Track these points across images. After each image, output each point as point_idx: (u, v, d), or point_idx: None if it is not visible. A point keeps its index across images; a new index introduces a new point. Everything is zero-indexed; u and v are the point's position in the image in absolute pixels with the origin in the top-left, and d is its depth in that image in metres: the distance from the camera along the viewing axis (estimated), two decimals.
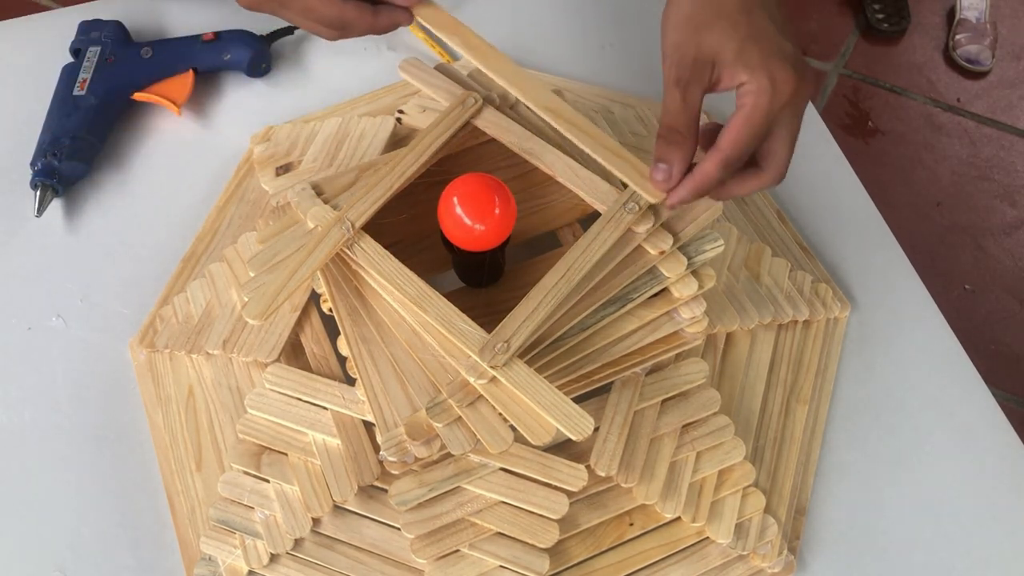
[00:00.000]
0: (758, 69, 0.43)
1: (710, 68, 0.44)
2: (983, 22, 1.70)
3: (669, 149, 0.44)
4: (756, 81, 0.43)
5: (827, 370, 0.61)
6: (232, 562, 0.50)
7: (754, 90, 0.43)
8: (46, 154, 0.64)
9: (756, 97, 0.43)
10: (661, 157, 0.45)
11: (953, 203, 1.55)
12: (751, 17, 0.44)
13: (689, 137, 0.44)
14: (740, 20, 0.43)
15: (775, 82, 0.43)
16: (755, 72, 0.43)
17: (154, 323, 0.60)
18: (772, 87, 0.42)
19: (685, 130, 0.44)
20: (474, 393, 0.48)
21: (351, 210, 0.51)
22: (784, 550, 0.53)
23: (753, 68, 0.43)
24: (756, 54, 0.43)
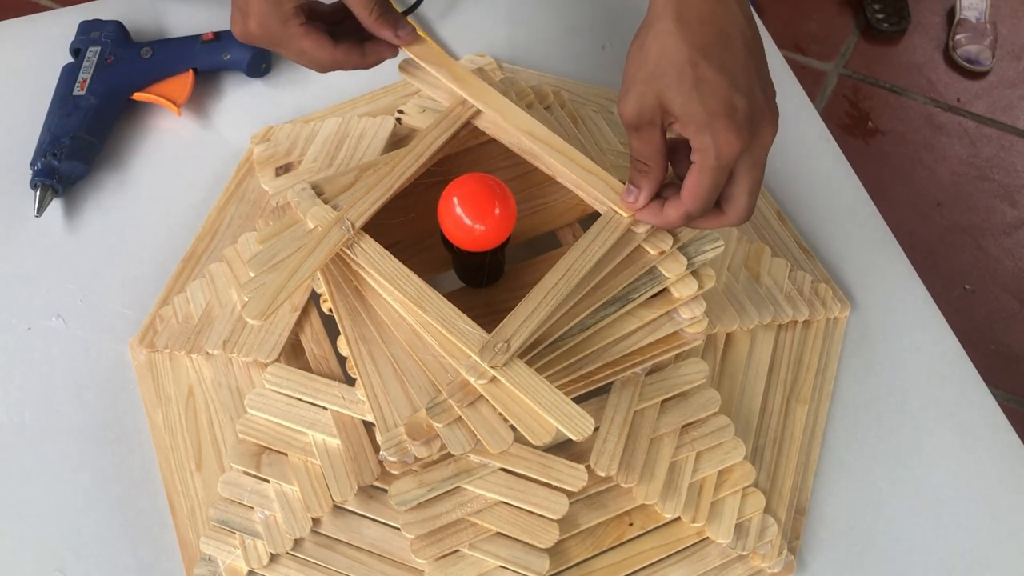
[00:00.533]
0: (701, 129, 0.42)
1: (661, 114, 0.44)
2: (983, 22, 1.70)
3: (639, 176, 0.47)
4: (700, 140, 0.43)
5: (827, 370, 0.61)
6: (232, 562, 0.50)
7: (699, 148, 0.43)
8: (46, 154, 0.64)
9: (702, 156, 0.43)
10: (632, 181, 0.48)
11: (953, 203, 1.55)
12: (698, 69, 0.42)
13: (656, 167, 0.46)
14: (686, 72, 0.42)
15: (717, 144, 0.42)
16: (699, 131, 0.42)
17: (154, 323, 0.60)
18: (715, 148, 0.42)
19: (651, 162, 0.46)
20: (474, 393, 0.48)
21: (351, 210, 0.51)
22: (784, 550, 0.53)
23: (697, 127, 0.42)
24: (699, 111, 0.42)
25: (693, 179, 0.44)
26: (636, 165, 0.47)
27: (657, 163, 0.46)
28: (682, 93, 0.42)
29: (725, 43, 0.44)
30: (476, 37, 0.77)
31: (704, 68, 0.42)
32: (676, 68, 0.43)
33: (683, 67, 0.42)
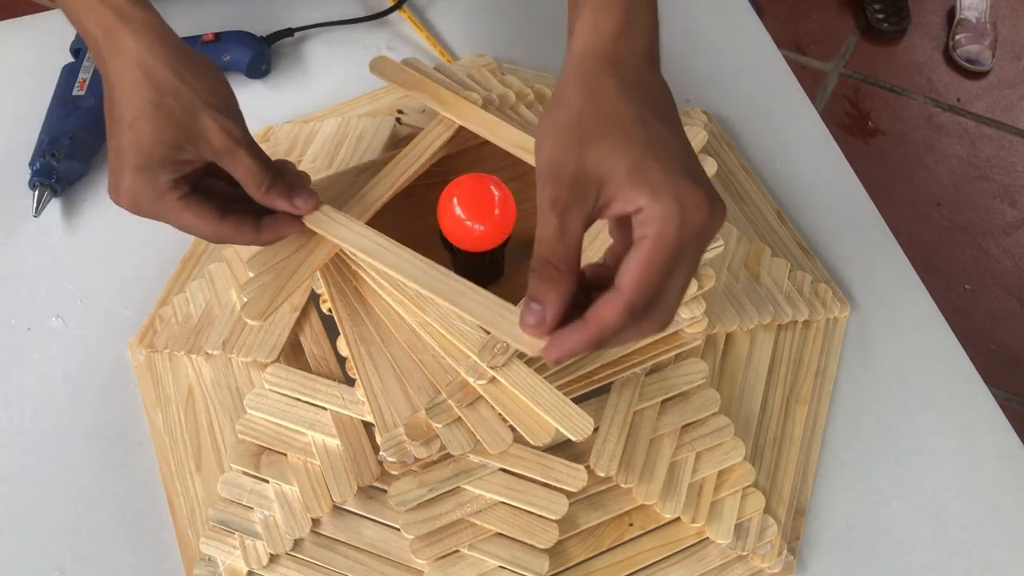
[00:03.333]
0: (662, 191, 0.34)
1: (596, 189, 0.36)
2: (983, 22, 1.70)
3: (543, 287, 0.36)
4: (660, 206, 0.34)
5: (827, 370, 0.61)
6: (231, 562, 0.50)
7: (658, 216, 0.34)
8: (45, 154, 0.64)
9: (661, 225, 0.34)
10: (534, 295, 0.36)
11: (953, 203, 1.55)
12: (648, 128, 0.36)
13: (567, 273, 0.36)
14: (635, 131, 0.35)
15: (684, 208, 0.34)
16: (658, 194, 0.34)
17: (154, 323, 0.60)
18: (680, 213, 0.34)
19: (562, 264, 0.36)
20: (474, 393, 0.48)
21: (351, 210, 0.51)
22: (784, 550, 0.53)
23: (656, 189, 0.34)
24: (658, 172, 0.35)
25: (642, 258, 0.35)
26: (542, 271, 0.36)
27: (571, 266, 0.36)
28: (633, 154, 0.35)
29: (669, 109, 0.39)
30: (476, 37, 0.77)
31: (656, 127, 0.36)
32: (622, 128, 0.36)
33: (631, 127, 0.36)
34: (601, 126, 0.36)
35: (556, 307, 0.36)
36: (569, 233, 0.36)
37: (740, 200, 0.68)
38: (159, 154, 0.42)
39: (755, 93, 0.75)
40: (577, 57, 0.39)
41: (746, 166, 0.70)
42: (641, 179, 0.35)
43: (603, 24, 0.39)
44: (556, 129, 0.37)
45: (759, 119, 0.74)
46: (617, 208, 0.36)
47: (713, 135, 0.71)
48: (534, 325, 0.37)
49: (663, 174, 0.35)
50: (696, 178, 0.35)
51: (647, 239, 0.35)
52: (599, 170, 0.35)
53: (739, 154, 0.71)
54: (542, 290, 0.36)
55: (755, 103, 0.74)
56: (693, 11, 0.79)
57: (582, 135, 0.36)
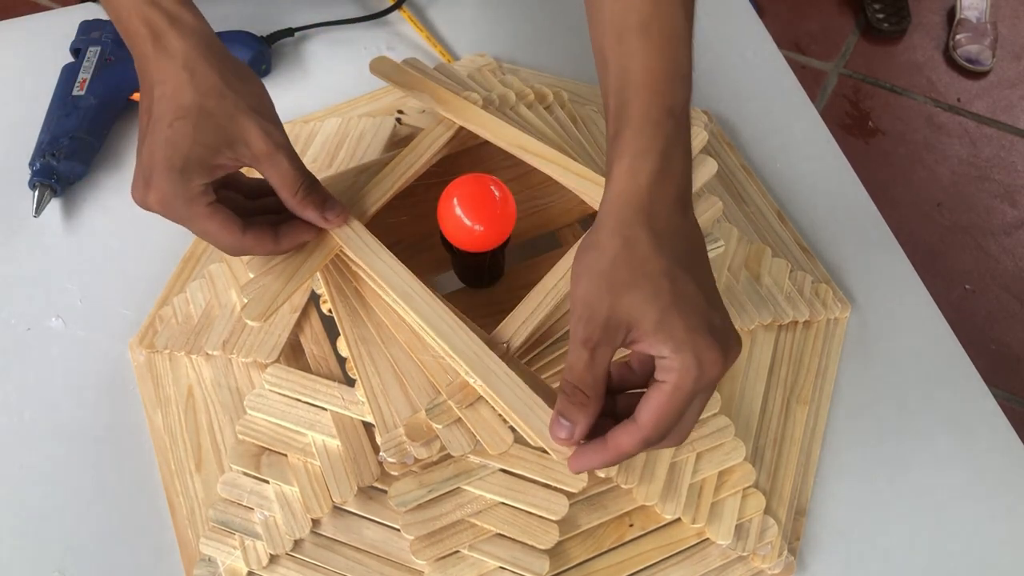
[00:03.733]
0: (683, 347, 0.38)
1: (624, 331, 0.39)
2: (983, 22, 1.70)
3: (573, 409, 0.40)
4: (680, 359, 0.38)
5: (827, 371, 0.61)
6: (231, 563, 0.50)
7: (677, 368, 0.38)
8: (45, 154, 0.64)
9: (680, 376, 0.38)
10: (564, 413, 0.41)
11: (953, 203, 1.55)
12: (675, 284, 0.39)
13: (595, 399, 0.40)
14: (663, 285, 0.39)
15: (701, 363, 0.38)
16: (680, 350, 0.38)
17: (154, 323, 0.60)
18: (698, 368, 0.38)
19: (590, 391, 0.40)
20: (474, 394, 0.48)
21: (352, 210, 0.51)
22: (784, 551, 0.53)
23: (678, 344, 0.38)
24: (681, 328, 0.38)
25: (661, 401, 0.39)
26: (572, 395, 0.40)
27: (599, 392, 0.40)
28: (658, 308, 0.39)
29: (697, 258, 0.42)
30: (476, 37, 0.77)
31: (683, 283, 0.39)
32: (651, 281, 0.39)
33: (659, 280, 0.39)
34: (632, 277, 0.40)
35: (583, 427, 0.40)
36: (598, 366, 0.40)
37: (740, 200, 0.68)
38: (196, 156, 0.43)
39: (755, 93, 0.75)
40: (614, 204, 0.42)
41: (746, 166, 0.70)
42: (665, 332, 0.39)
43: (640, 171, 0.41)
44: (590, 272, 0.41)
45: (759, 119, 0.74)
46: (642, 348, 0.40)
47: (713, 135, 0.71)
48: (564, 439, 0.41)
49: (685, 331, 0.39)
50: (715, 333, 0.39)
51: (667, 385, 0.39)
52: (628, 317, 0.39)
53: (739, 154, 0.71)
54: (572, 411, 0.40)
55: (755, 103, 0.74)
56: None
57: (614, 283, 0.40)
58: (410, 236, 0.58)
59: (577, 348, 0.40)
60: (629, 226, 0.40)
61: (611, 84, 0.45)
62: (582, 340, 0.40)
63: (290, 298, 0.49)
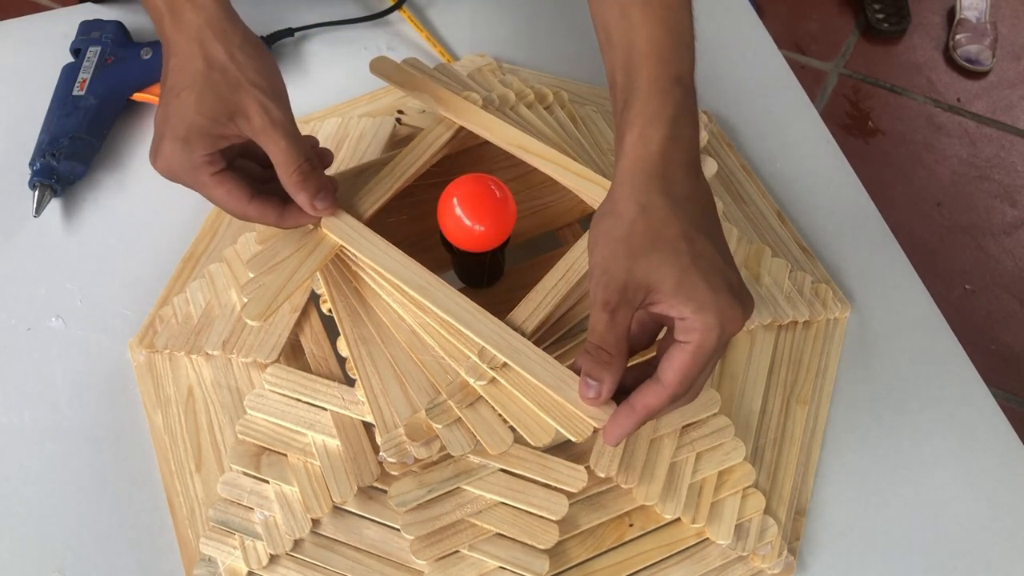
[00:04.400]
0: (706, 307, 0.39)
1: (643, 293, 0.41)
2: (983, 22, 1.70)
3: (598, 368, 0.42)
4: (702, 319, 0.40)
5: (827, 370, 0.61)
6: (231, 563, 0.50)
7: (700, 327, 0.40)
8: (45, 154, 0.64)
9: (703, 335, 0.40)
10: (590, 373, 0.43)
11: (953, 203, 1.55)
12: (694, 245, 0.40)
13: (618, 357, 0.42)
14: (682, 247, 0.40)
15: (723, 320, 0.40)
16: (702, 309, 0.39)
17: (154, 323, 0.60)
18: (719, 327, 0.40)
19: (614, 350, 0.42)
20: (474, 394, 0.48)
21: (352, 210, 0.51)
22: (784, 551, 0.53)
23: (700, 304, 0.40)
24: (702, 287, 0.40)
25: (685, 360, 0.40)
26: (597, 355, 0.42)
27: (622, 351, 0.42)
28: (679, 269, 0.40)
29: (711, 220, 0.43)
30: (476, 37, 0.77)
31: (700, 244, 0.41)
32: (670, 243, 0.40)
33: (677, 243, 0.40)
34: (651, 241, 0.41)
35: (610, 384, 0.42)
36: (618, 326, 0.41)
37: (740, 200, 0.68)
38: (198, 126, 0.44)
39: (755, 93, 0.75)
40: (629, 171, 0.43)
41: (746, 166, 0.70)
42: (686, 293, 0.40)
43: (651, 138, 0.43)
44: (608, 238, 0.42)
45: (759, 119, 0.74)
46: (661, 310, 0.41)
47: (713, 135, 0.71)
48: (593, 398, 0.43)
49: (707, 290, 0.40)
50: (734, 292, 0.40)
51: (690, 344, 0.40)
52: (647, 279, 0.40)
53: (739, 154, 0.71)
54: (598, 370, 0.42)
55: (755, 103, 0.74)
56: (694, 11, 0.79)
57: (632, 247, 0.41)
58: (410, 236, 0.58)
59: (598, 311, 0.41)
60: (644, 192, 0.42)
61: (617, 58, 0.46)
62: (602, 303, 0.41)
63: (290, 298, 0.49)
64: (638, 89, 0.44)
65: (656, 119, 0.43)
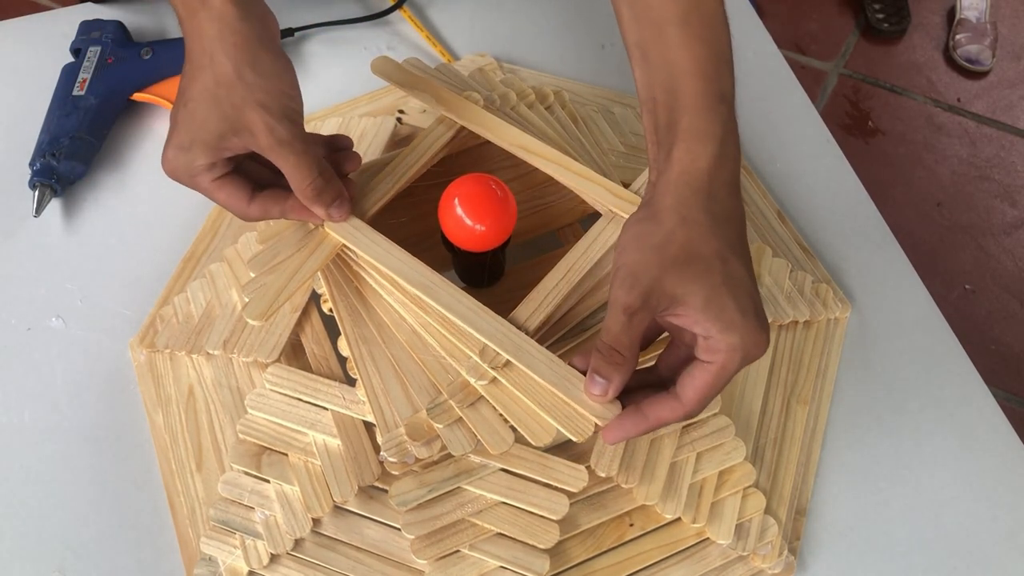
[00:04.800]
0: (733, 328, 0.40)
1: (666, 303, 0.41)
2: (983, 22, 1.70)
3: (609, 368, 0.42)
4: (727, 340, 0.40)
5: (827, 370, 0.61)
6: (232, 562, 0.50)
7: (725, 349, 0.40)
8: (45, 154, 0.64)
9: (727, 357, 0.40)
10: (599, 371, 0.43)
11: (953, 203, 1.55)
12: (727, 265, 0.41)
13: (630, 359, 0.42)
14: (715, 266, 0.40)
15: (747, 344, 0.40)
16: (729, 330, 0.40)
17: (154, 323, 0.60)
18: (743, 349, 0.40)
19: (627, 352, 0.42)
20: (475, 394, 0.48)
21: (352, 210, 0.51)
22: (784, 551, 0.53)
23: (727, 325, 0.40)
24: (731, 308, 0.40)
25: (707, 381, 0.41)
26: (609, 356, 0.42)
27: (634, 354, 0.42)
28: (710, 287, 0.40)
29: (744, 242, 0.43)
30: (476, 37, 0.77)
31: (734, 265, 0.41)
32: (704, 261, 0.41)
33: (712, 261, 0.41)
34: (686, 255, 0.41)
35: (618, 384, 0.42)
36: (634, 330, 0.41)
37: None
38: (200, 139, 0.45)
39: (755, 93, 0.75)
40: (675, 183, 0.43)
41: (746, 166, 0.70)
42: (714, 312, 0.40)
43: (700, 155, 0.43)
44: (642, 243, 0.42)
45: (759, 119, 0.74)
46: (683, 324, 0.42)
47: None
48: (599, 395, 0.43)
49: (736, 311, 0.40)
50: (760, 318, 0.41)
51: (713, 365, 0.41)
52: (675, 291, 0.41)
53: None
54: (608, 369, 0.42)
55: (755, 103, 0.74)
56: None
57: (665, 258, 0.41)
58: (410, 236, 0.57)
59: (617, 312, 0.41)
60: (688, 207, 0.42)
61: (656, 76, 0.46)
62: (623, 305, 0.41)
63: (291, 297, 0.49)
64: (685, 106, 0.44)
65: (706, 137, 0.43)
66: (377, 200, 0.53)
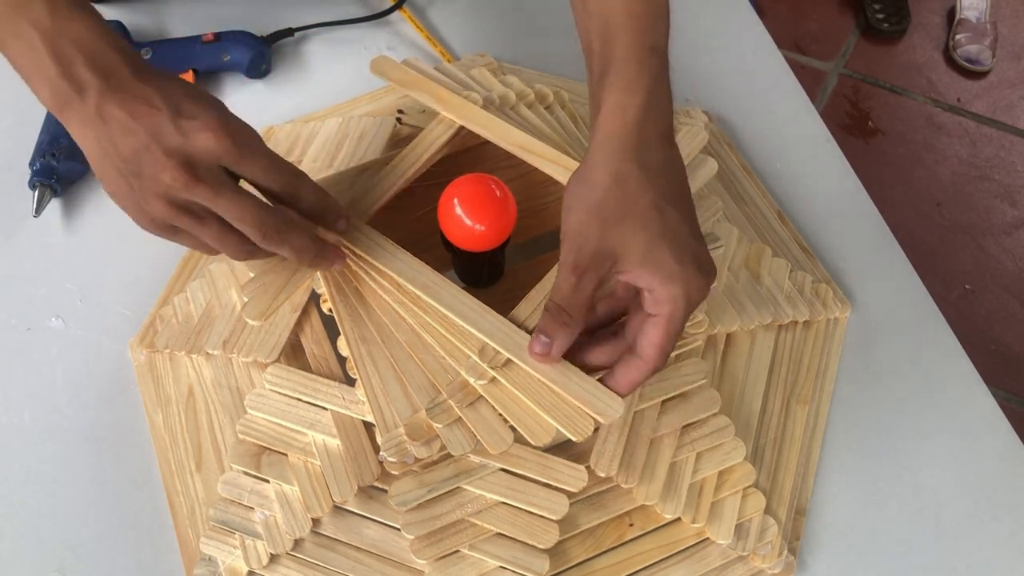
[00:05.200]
0: (671, 278, 0.41)
1: (611, 261, 0.42)
2: (983, 22, 1.70)
3: (555, 326, 0.43)
4: (669, 290, 0.41)
5: (827, 370, 0.61)
6: (232, 562, 0.50)
7: (668, 298, 0.41)
8: (45, 154, 0.64)
9: (672, 306, 0.41)
10: (545, 330, 0.43)
11: (953, 203, 1.55)
12: (663, 215, 0.41)
13: (578, 320, 0.43)
14: (652, 217, 0.41)
15: (689, 291, 0.41)
16: (669, 280, 0.41)
17: (154, 323, 0.60)
18: (686, 296, 0.41)
19: (575, 313, 0.43)
20: (474, 394, 0.48)
21: (351, 210, 0.51)
22: (784, 551, 0.53)
23: (667, 275, 0.41)
24: (669, 259, 0.41)
25: (659, 333, 0.42)
26: (557, 315, 0.43)
27: (582, 315, 0.43)
28: (647, 240, 0.41)
29: (682, 190, 0.44)
30: (476, 37, 0.77)
31: (670, 215, 0.42)
32: (639, 214, 0.41)
33: (647, 213, 0.41)
34: (622, 211, 0.42)
35: (561, 344, 0.43)
36: (583, 290, 0.42)
37: (740, 200, 0.68)
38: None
39: (755, 93, 0.75)
40: (605, 138, 0.43)
41: (746, 166, 0.70)
42: (652, 263, 0.41)
43: (628, 107, 0.43)
44: (582, 204, 0.43)
45: (759, 119, 0.74)
46: (628, 279, 0.42)
47: (713, 135, 0.71)
48: (540, 353, 0.44)
49: (674, 262, 0.41)
50: (699, 263, 0.42)
51: (661, 317, 0.42)
52: (616, 248, 0.41)
53: (739, 154, 0.71)
54: (553, 328, 0.43)
55: (755, 103, 0.74)
56: (693, 11, 0.79)
57: (604, 216, 0.42)
58: (410, 236, 0.57)
59: (566, 274, 0.42)
60: (619, 160, 0.42)
61: (593, 25, 0.46)
62: (571, 267, 0.42)
63: (290, 297, 0.49)
64: (615, 58, 0.44)
65: (633, 89, 0.43)
66: (377, 200, 0.53)
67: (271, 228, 0.43)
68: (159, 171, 0.40)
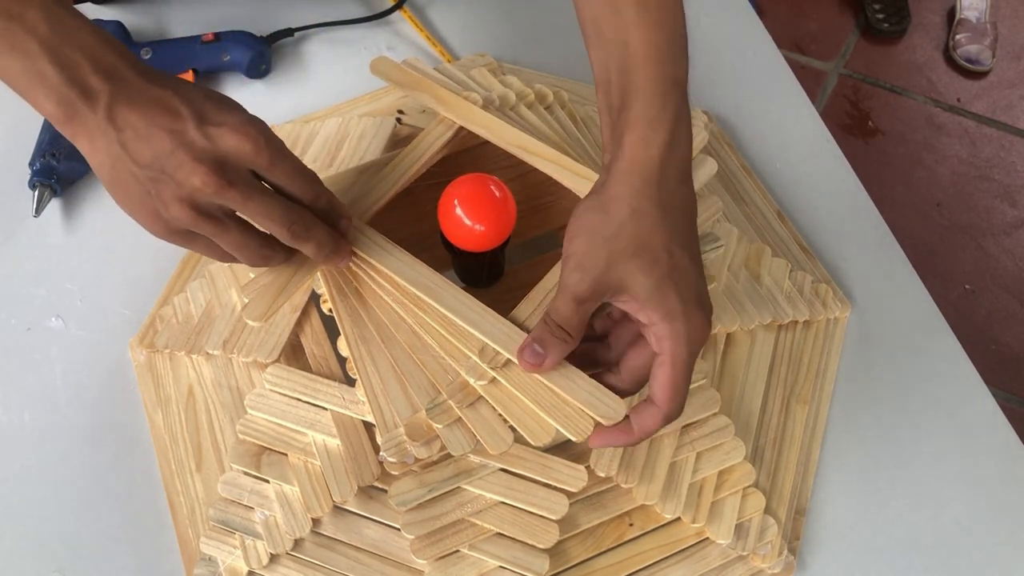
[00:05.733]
0: (674, 316, 0.41)
1: (614, 291, 0.42)
2: (983, 22, 1.70)
3: (552, 341, 0.43)
4: (670, 327, 0.41)
5: (827, 370, 0.61)
6: (232, 562, 0.50)
7: (668, 336, 0.41)
8: (44, 154, 0.64)
9: (675, 345, 0.41)
10: (541, 342, 0.43)
11: (953, 203, 1.55)
12: (673, 257, 0.42)
13: (574, 339, 0.43)
14: (661, 257, 0.41)
15: (691, 331, 0.41)
16: (673, 319, 0.41)
17: (154, 323, 0.60)
18: (688, 336, 0.41)
19: (574, 333, 0.43)
20: (474, 394, 0.48)
21: (352, 210, 0.51)
22: (784, 550, 0.53)
23: (668, 313, 0.41)
24: (674, 299, 0.41)
25: (666, 374, 0.42)
26: (554, 331, 0.43)
27: (577, 335, 0.43)
28: (655, 278, 0.41)
29: (693, 231, 0.44)
30: (476, 37, 0.77)
31: (680, 257, 0.42)
32: (651, 253, 0.41)
33: (658, 253, 0.42)
34: (634, 248, 0.42)
35: (554, 360, 0.44)
36: (582, 314, 0.43)
37: (740, 200, 0.68)
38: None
39: (755, 93, 0.75)
40: (627, 172, 0.43)
41: (746, 166, 0.70)
42: (656, 301, 0.41)
43: (651, 142, 0.43)
44: (592, 234, 0.43)
45: (759, 119, 0.74)
46: (629, 310, 0.43)
47: (713, 135, 0.71)
48: (530, 362, 0.44)
49: (679, 302, 0.41)
50: (703, 306, 0.42)
51: (665, 356, 0.42)
52: (623, 281, 0.42)
53: (739, 154, 0.71)
54: (550, 342, 0.43)
55: (755, 103, 0.74)
56: (693, 11, 0.79)
57: (615, 249, 0.42)
58: (410, 236, 0.57)
59: (566, 296, 0.42)
60: (639, 197, 0.42)
61: (611, 55, 0.46)
62: (572, 291, 0.42)
63: (290, 298, 0.49)
64: (638, 91, 0.44)
65: (657, 124, 0.43)
66: (377, 200, 0.53)
67: (299, 225, 0.43)
68: (187, 175, 0.39)
